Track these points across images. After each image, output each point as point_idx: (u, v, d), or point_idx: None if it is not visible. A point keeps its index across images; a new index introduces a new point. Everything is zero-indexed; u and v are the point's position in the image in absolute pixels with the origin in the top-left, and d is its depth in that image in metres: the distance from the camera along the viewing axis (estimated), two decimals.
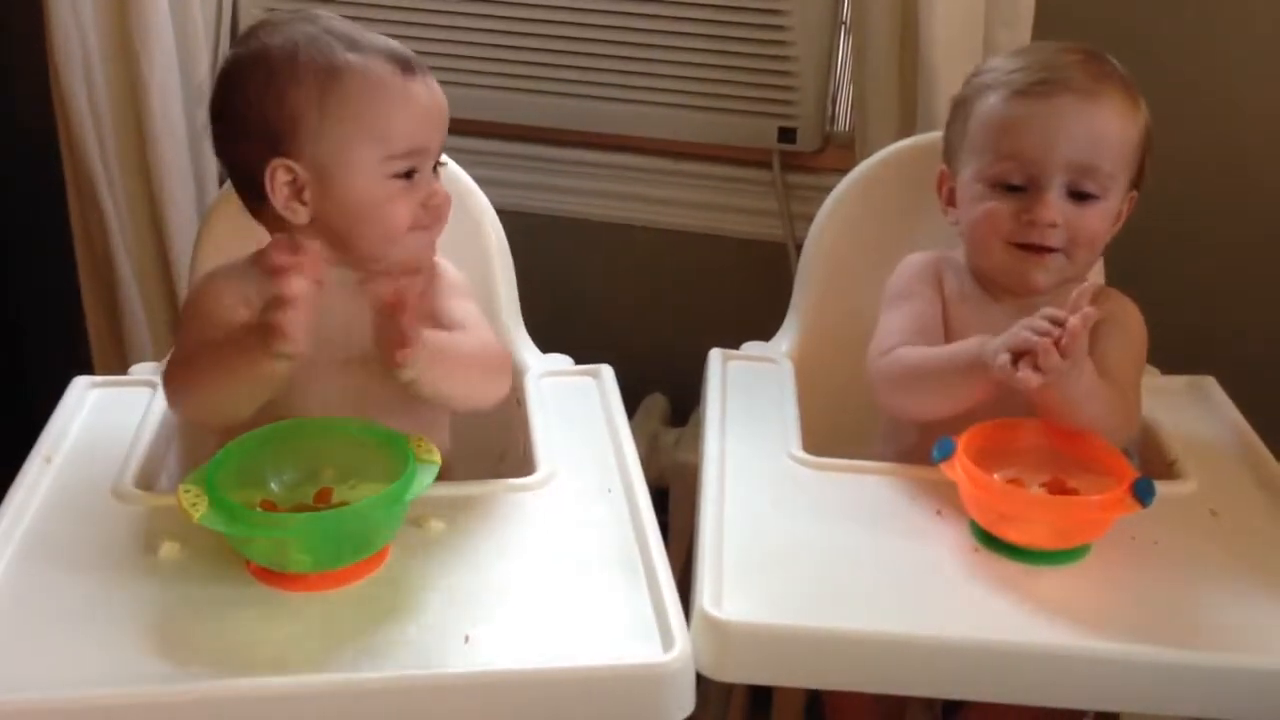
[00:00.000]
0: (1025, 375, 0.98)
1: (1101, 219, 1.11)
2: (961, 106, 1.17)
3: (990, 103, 1.12)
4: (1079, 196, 1.09)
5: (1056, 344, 0.96)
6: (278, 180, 1.02)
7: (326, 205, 1.02)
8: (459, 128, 1.65)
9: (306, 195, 1.02)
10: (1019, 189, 1.10)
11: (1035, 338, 0.98)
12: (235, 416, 1.01)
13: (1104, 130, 1.09)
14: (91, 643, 0.84)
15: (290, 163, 1.01)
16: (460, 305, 1.11)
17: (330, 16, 1.06)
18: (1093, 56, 1.13)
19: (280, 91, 1.01)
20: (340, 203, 1.02)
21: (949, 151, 1.19)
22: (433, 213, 1.06)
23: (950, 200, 1.18)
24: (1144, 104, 1.12)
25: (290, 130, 1.01)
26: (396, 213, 1.03)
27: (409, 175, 1.03)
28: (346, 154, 1.01)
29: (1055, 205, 1.09)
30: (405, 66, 1.03)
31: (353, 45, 1.02)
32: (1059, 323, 0.98)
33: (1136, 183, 1.14)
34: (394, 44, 1.05)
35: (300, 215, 1.03)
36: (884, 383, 1.12)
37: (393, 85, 1.02)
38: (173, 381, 1.04)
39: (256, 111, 1.02)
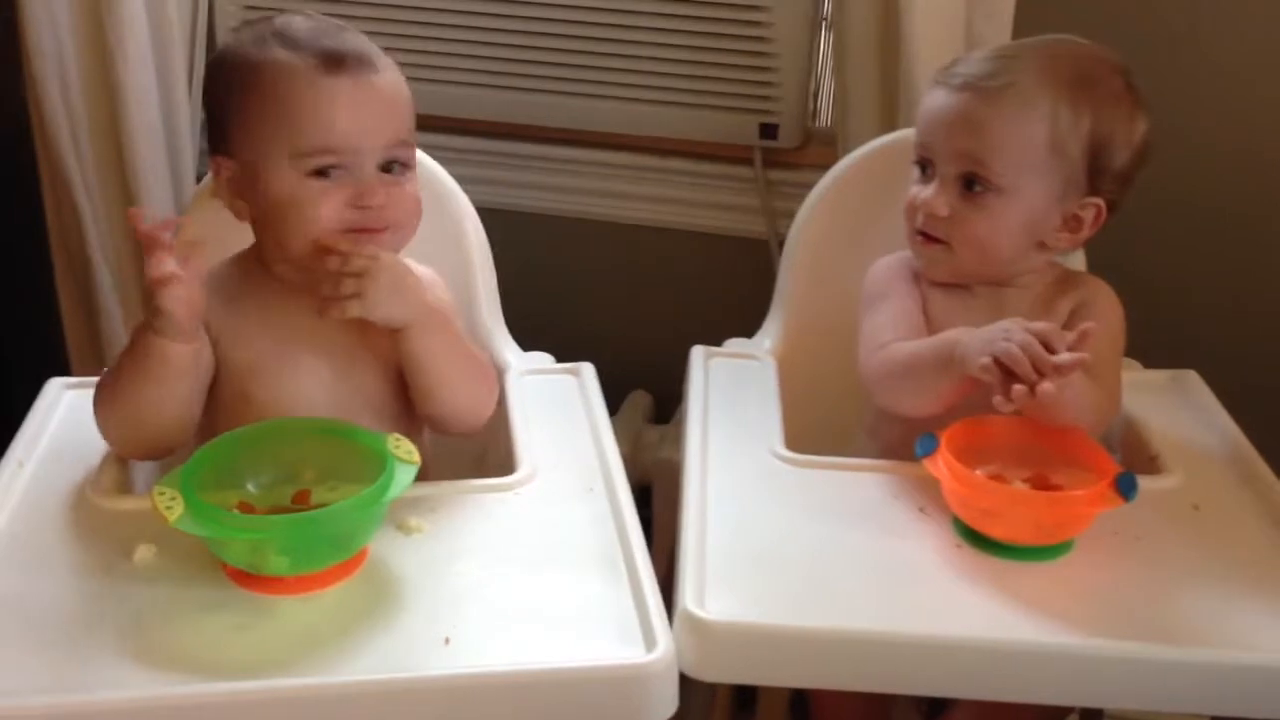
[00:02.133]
0: (1018, 398, 0.97)
1: (992, 219, 1.09)
2: None
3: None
4: (972, 192, 1.10)
5: (1040, 368, 0.96)
6: (221, 176, 1.04)
7: (255, 203, 1.03)
8: (439, 125, 1.67)
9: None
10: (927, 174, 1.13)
11: (1019, 355, 0.97)
12: (157, 429, 1.01)
13: (1001, 128, 1.08)
14: (66, 648, 0.83)
15: (227, 159, 1.03)
16: None
17: (305, 17, 1.05)
18: (1044, 54, 1.11)
19: (219, 88, 1.04)
20: (264, 200, 1.02)
21: None
22: (369, 215, 1.01)
23: None
24: (1086, 111, 1.08)
25: (224, 127, 1.04)
26: (316, 213, 1.00)
27: (327, 174, 1.00)
28: (261, 150, 1.01)
29: (942, 195, 1.10)
30: (334, 63, 1.00)
31: (289, 43, 1.01)
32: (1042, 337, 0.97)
33: (1095, 189, 1.11)
34: (339, 42, 1.02)
35: (243, 212, 1.05)
36: (879, 381, 1.12)
37: (306, 80, 0.99)
38: (96, 411, 1.02)
39: (208, 107, 1.06)
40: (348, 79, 1.01)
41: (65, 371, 1.65)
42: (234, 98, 1.02)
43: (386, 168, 1.03)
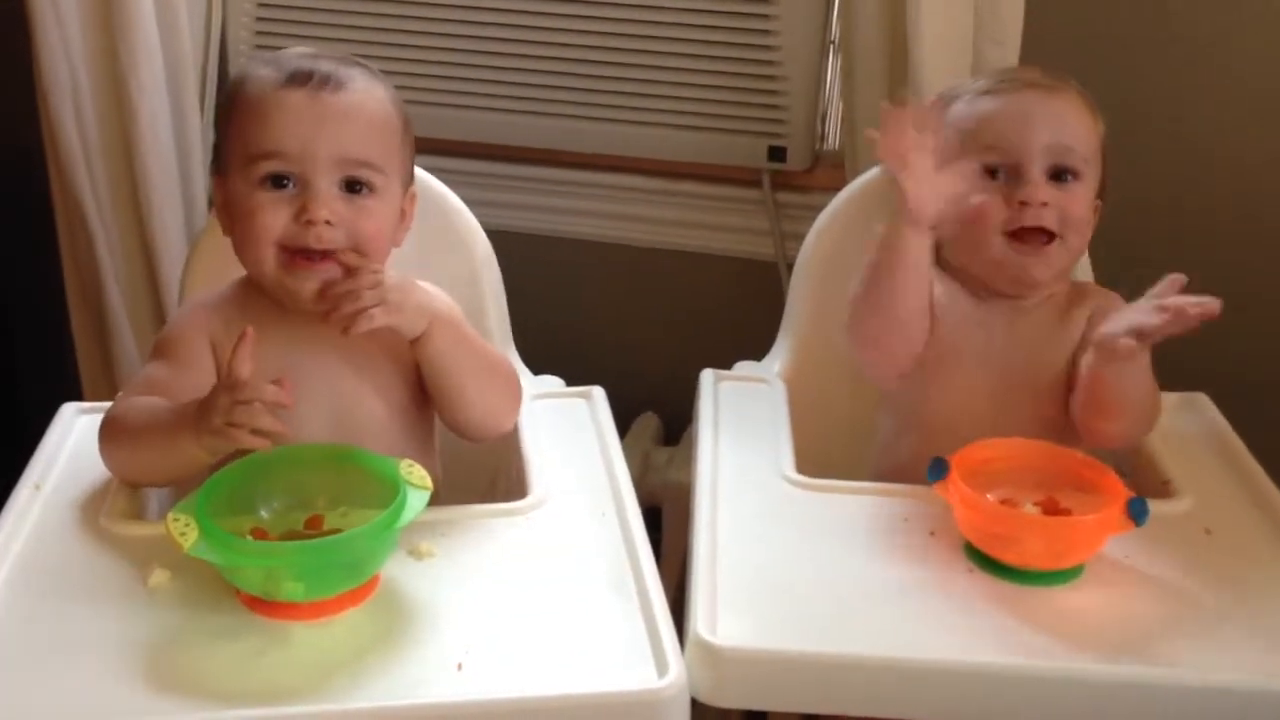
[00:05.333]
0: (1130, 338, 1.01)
1: (1084, 202, 1.13)
2: None
3: (958, 108, 1.16)
4: (1060, 179, 1.12)
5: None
6: (217, 198, 1.05)
7: (227, 219, 1.04)
8: (449, 148, 1.68)
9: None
10: (1000, 179, 1.12)
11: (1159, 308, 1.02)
12: (153, 483, 1.06)
13: (1070, 117, 1.13)
14: (80, 673, 0.83)
15: (219, 179, 1.05)
16: None
17: (315, 48, 1.07)
18: (1051, 71, 1.18)
19: (218, 109, 1.07)
20: (228, 214, 1.04)
21: None
22: (310, 233, 0.99)
23: None
24: (1100, 119, 1.16)
25: (216, 147, 1.06)
26: (262, 223, 1.00)
27: (281, 184, 1.00)
28: (227, 162, 1.03)
29: (1042, 186, 1.11)
30: (296, 80, 1.01)
31: (274, 63, 1.03)
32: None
33: (1100, 193, 1.16)
34: (317, 65, 1.02)
35: (230, 230, 1.05)
36: (854, 324, 1.14)
37: (264, 92, 1.01)
38: (103, 437, 1.02)
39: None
40: (303, 92, 1.01)
41: (77, 393, 1.66)
42: (219, 116, 1.06)
43: (348, 188, 1.02)
